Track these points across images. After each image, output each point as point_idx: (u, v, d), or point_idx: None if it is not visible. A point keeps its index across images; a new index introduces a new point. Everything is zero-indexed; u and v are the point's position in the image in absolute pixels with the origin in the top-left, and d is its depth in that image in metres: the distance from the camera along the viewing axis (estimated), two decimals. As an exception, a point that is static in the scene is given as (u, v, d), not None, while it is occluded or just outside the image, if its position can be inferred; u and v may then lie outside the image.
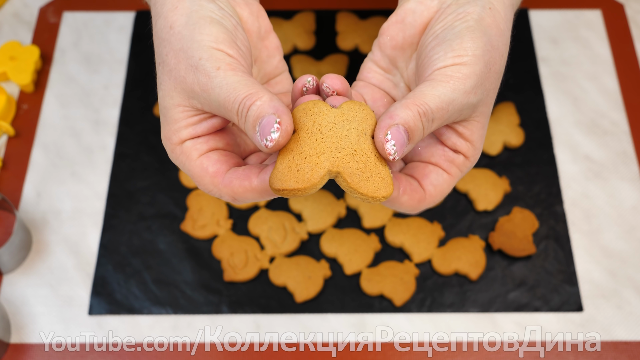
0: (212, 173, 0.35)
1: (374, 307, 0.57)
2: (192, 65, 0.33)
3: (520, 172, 0.63)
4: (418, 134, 0.33)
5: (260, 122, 0.32)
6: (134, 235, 0.60)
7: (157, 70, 0.36)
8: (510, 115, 0.65)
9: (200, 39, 0.34)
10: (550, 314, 0.57)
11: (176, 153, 0.36)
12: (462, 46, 0.34)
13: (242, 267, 0.58)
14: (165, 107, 0.35)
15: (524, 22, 0.71)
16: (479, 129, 0.36)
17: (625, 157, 0.64)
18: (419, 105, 0.32)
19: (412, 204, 0.36)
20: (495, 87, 0.36)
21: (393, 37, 0.38)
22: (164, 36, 0.35)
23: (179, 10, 0.35)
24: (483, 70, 0.34)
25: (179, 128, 0.35)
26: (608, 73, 0.69)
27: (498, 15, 0.36)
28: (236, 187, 0.34)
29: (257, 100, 0.32)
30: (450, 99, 0.33)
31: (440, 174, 0.36)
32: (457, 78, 0.33)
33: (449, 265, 0.58)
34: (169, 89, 0.35)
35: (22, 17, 0.73)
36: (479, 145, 0.37)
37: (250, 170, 0.34)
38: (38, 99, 0.68)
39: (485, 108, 0.36)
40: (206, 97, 0.33)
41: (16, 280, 0.59)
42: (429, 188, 0.36)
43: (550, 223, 0.61)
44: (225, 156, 0.35)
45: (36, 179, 0.63)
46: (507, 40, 0.37)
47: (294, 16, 0.72)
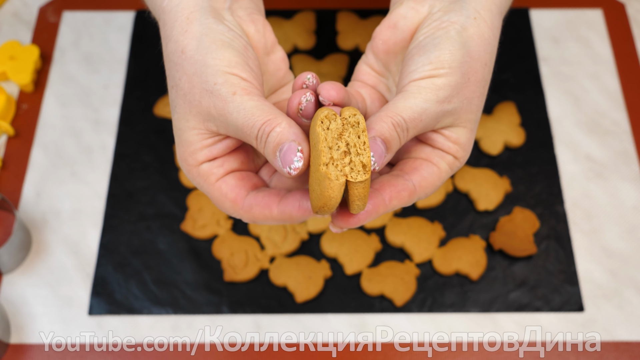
0: (231, 199, 0.36)
1: (374, 307, 0.57)
2: (207, 90, 0.34)
3: (521, 172, 0.63)
4: (395, 143, 0.34)
5: (282, 149, 0.33)
6: (134, 235, 0.60)
7: (170, 93, 0.37)
8: (511, 115, 0.65)
9: (213, 63, 0.34)
10: (551, 314, 0.57)
11: (193, 174, 0.37)
12: (439, 59, 0.35)
13: (243, 267, 0.58)
14: (181, 129, 0.36)
15: (525, 22, 0.71)
16: (466, 133, 0.37)
17: (627, 156, 0.64)
18: (392, 116, 0.34)
19: (404, 201, 0.36)
20: (480, 94, 0.37)
21: (385, 41, 0.39)
22: (176, 60, 0.36)
23: (189, 34, 0.35)
24: (459, 81, 0.35)
25: (195, 150, 0.36)
26: (609, 73, 0.68)
27: (483, 24, 0.37)
28: (257, 214, 0.36)
29: (276, 126, 0.33)
30: (422, 109, 0.34)
31: (431, 166, 0.37)
32: (429, 89, 0.35)
33: (450, 265, 0.58)
34: (184, 112, 0.36)
35: (22, 17, 0.73)
36: (467, 148, 0.38)
37: (270, 198, 0.35)
38: (38, 99, 0.68)
39: (471, 115, 0.37)
40: (223, 120, 0.34)
41: (16, 280, 0.59)
42: (418, 179, 0.37)
43: (551, 223, 0.60)
44: (242, 180, 0.36)
45: (36, 178, 0.63)
46: (492, 49, 0.38)
47: (294, 15, 0.72)
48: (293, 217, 0.35)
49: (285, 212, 0.35)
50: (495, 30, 0.38)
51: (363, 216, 0.35)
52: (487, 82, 0.38)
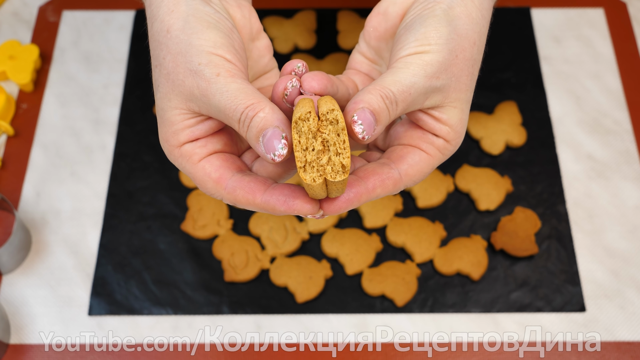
0: (215, 179, 0.35)
1: (375, 307, 0.57)
2: (191, 70, 0.34)
3: (522, 172, 0.63)
4: (384, 115, 0.34)
5: (265, 135, 0.32)
6: (134, 235, 0.60)
7: (154, 72, 0.37)
8: (512, 115, 0.65)
9: (198, 43, 0.34)
10: (553, 314, 0.57)
11: (174, 155, 0.36)
12: (425, 35, 0.35)
13: (243, 267, 0.58)
14: (163, 109, 0.36)
15: (526, 21, 0.71)
16: (457, 114, 0.37)
17: (628, 156, 0.64)
18: (380, 89, 0.34)
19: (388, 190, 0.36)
20: (470, 73, 0.37)
21: (376, 28, 0.40)
22: (161, 39, 0.35)
23: (175, 13, 0.35)
24: (447, 57, 0.35)
25: (177, 130, 0.35)
26: (611, 72, 0.68)
27: (470, 4, 0.37)
28: (239, 197, 0.35)
29: (260, 111, 0.33)
30: (411, 83, 0.34)
31: (418, 153, 0.37)
32: (416, 64, 0.35)
33: (451, 265, 0.58)
34: (167, 92, 0.35)
35: (22, 16, 0.73)
36: (459, 129, 0.37)
37: (257, 185, 0.35)
38: (37, 99, 0.68)
39: (461, 94, 0.37)
40: (205, 101, 0.34)
41: (16, 280, 0.58)
42: (404, 167, 0.36)
43: (553, 223, 0.60)
44: (227, 161, 0.36)
45: (35, 178, 0.63)
46: (482, 29, 0.37)
47: (294, 15, 0.71)
48: (275, 210, 0.35)
49: (269, 203, 0.34)
50: (484, 11, 0.38)
51: (344, 204, 0.34)
52: (476, 62, 0.37)
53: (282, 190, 0.34)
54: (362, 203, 0.35)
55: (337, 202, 0.34)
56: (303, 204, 0.34)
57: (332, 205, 0.34)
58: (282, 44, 0.70)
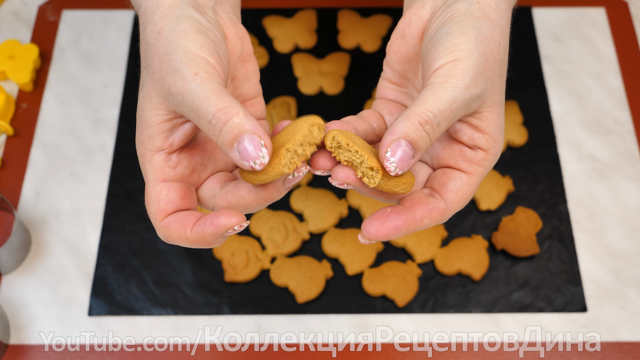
0: (160, 208, 0.35)
1: (376, 307, 0.57)
2: (172, 67, 0.34)
3: (523, 172, 0.63)
4: (423, 142, 0.33)
5: (241, 142, 0.32)
6: (133, 235, 0.60)
7: (142, 73, 0.37)
8: (513, 114, 0.65)
9: (184, 44, 0.34)
10: (554, 314, 0.56)
11: (145, 159, 0.36)
12: (453, 42, 0.35)
13: (243, 268, 0.58)
14: (143, 109, 0.36)
15: (528, 20, 0.71)
16: (495, 119, 0.36)
17: (630, 156, 0.63)
18: (419, 114, 0.33)
19: (436, 220, 0.36)
20: (500, 74, 0.37)
21: (396, 52, 0.40)
22: (150, 41, 0.36)
23: (167, 18, 0.36)
24: (479, 60, 0.35)
25: (152, 134, 0.36)
26: (612, 71, 0.68)
27: (488, 7, 0.37)
28: (172, 232, 0.35)
29: (233, 117, 0.32)
30: (451, 98, 0.34)
31: (459, 177, 0.37)
32: (454, 75, 0.34)
33: (452, 265, 0.58)
34: (149, 91, 0.36)
35: (21, 16, 0.73)
36: (498, 137, 0.37)
37: (190, 218, 0.35)
38: (37, 98, 0.67)
39: (495, 97, 0.36)
40: (180, 99, 0.34)
41: (15, 280, 0.58)
42: (449, 196, 0.36)
43: (554, 223, 0.60)
44: (183, 199, 0.36)
45: (35, 178, 0.63)
46: (503, 29, 0.37)
47: (295, 14, 0.71)
48: (205, 235, 0.34)
49: (198, 232, 0.34)
50: (502, 12, 0.37)
51: (392, 230, 0.34)
52: (504, 62, 0.37)
53: (208, 216, 0.34)
54: (409, 232, 0.35)
55: (384, 228, 0.34)
56: (228, 218, 0.33)
57: (380, 230, 0.34)
58: (282, 44, 0.69)
